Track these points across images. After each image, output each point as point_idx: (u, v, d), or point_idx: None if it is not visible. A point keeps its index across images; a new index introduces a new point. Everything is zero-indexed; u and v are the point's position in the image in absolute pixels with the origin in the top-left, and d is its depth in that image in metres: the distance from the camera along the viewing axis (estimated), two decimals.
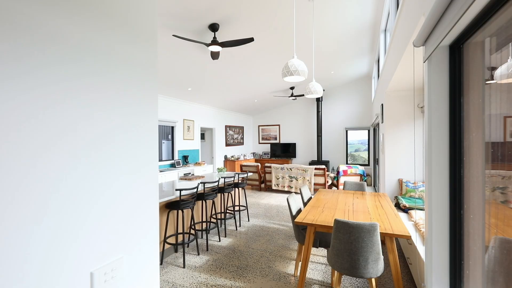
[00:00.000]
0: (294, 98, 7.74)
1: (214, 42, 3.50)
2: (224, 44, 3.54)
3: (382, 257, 1.93)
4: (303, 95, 7.13)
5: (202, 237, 3.68)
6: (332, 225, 2.12)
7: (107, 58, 0.79)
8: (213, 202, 3.65)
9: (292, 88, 7.69)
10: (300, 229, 2.60)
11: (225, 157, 8.93)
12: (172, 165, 6.33)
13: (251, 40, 3.44)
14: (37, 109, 0.59)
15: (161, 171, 5.44)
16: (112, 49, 0.81)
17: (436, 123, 1.33)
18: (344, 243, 1.93)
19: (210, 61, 4.76)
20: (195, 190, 3.23)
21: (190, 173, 6.17)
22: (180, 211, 3.27)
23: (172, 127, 6.54)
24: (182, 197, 3.22)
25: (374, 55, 6.32)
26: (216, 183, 3.71)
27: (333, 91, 9.27)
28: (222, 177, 3.79)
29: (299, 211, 2.89)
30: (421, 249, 2.23)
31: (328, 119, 9.39)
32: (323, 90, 9.06)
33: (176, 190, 2.77)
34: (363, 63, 6.82)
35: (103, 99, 0.77)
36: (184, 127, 6.86)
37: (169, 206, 2.99)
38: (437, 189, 1.32)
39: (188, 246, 3.37)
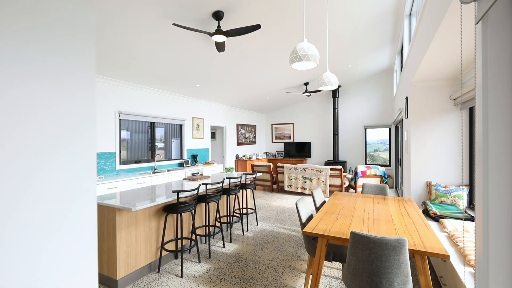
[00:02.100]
0: (308, 94, 7.33)
1: (218, 31, 3.22)
2: (228, 33, 3.25)
3: (411, 279, 1.55)
4: (317, 91, 6.70)
5: (205, 242, 3.42)
6: (348, 237, 1.77)
7: None
8: (218, 205, 3.37)
9: (306, 84, 7.29)
10: (311, 239, 2.25)
11: (237, 156, 8.67)
12: (180, 165, 6.15)
13: (257, 27, 3.13)
14: None
15: (168, 171, 5.26)
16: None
17: (495, 109, 0.95)
18: (362, 261, 1.57)
19: (217, 56, 4.50)
20: (195, 192, 2.97)
21: (198, 173, 5.95)
22: (179, 215, 3.02)
23: (181, 125, 6.36)
24: (181, 200, 2.97)
25: (396, 47, 5.79)
26: (220, 185, 3.43)
27: (350, 86, 8.73)
28: (227, 178, 3.51)
29: (310, 217, 2.54)
30: (460, 269, 1.81)
31: (345, 117, 8.86)
32: (340, 86, 8.56)
33: (173, 192, 2.51)
34: (384, 55, 6.29)
35: None
36: (193, 126, 6.67)
37: (167, 209, 2.74)
38: (496, 199, 0.95)
39: (189, 252, 3.12)
